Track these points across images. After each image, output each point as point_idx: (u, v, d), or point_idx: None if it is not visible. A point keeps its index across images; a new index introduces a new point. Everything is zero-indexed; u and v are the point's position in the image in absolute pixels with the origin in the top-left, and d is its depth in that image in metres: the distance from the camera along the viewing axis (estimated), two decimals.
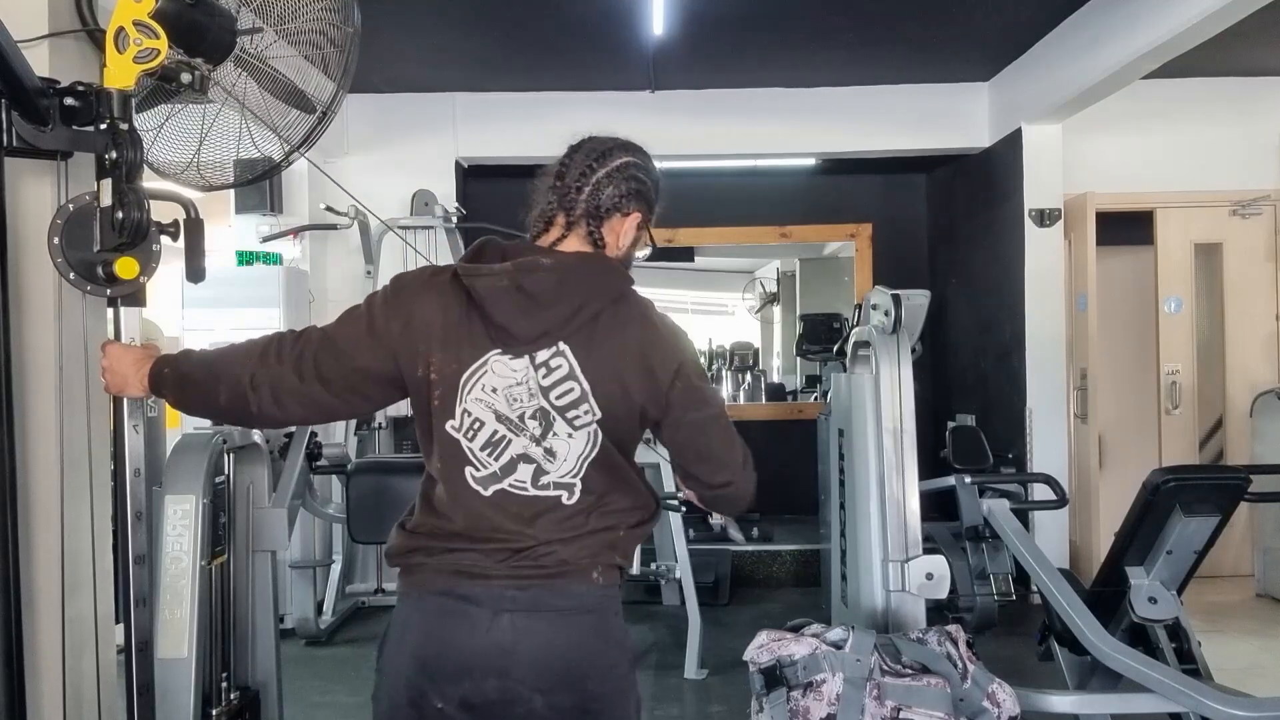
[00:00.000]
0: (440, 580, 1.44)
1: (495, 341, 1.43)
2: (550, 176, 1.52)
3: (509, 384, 1.43)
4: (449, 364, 1.43)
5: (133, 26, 1.64)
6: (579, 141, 1.54)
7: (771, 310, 8.93)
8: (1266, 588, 5.01)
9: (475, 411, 1.43)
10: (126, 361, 1.61)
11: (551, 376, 1.43)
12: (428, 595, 1.45)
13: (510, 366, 1.43)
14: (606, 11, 4.19)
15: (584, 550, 1.45)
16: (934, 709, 2.11)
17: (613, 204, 1.49)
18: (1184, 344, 5.27)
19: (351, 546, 4.84)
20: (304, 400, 1.47)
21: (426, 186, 5.06)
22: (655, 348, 1.47)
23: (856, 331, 3.15)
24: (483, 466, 1.44)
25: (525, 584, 1.42)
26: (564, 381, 1.43)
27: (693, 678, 3.86)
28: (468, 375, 1.43)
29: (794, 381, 8.13)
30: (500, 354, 1.43)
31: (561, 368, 1.43)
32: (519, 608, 1.42)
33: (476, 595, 1.42)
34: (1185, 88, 5.11)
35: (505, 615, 1.41)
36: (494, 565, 1.42)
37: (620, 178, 1.50)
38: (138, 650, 1.77)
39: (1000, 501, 3.12)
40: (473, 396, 1.43)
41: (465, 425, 1.44)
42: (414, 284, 1.49)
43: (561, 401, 1.43)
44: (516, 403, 1.43)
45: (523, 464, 1.44)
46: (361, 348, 1.46)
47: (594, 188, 1.48)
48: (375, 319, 1.46)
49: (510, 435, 1.43)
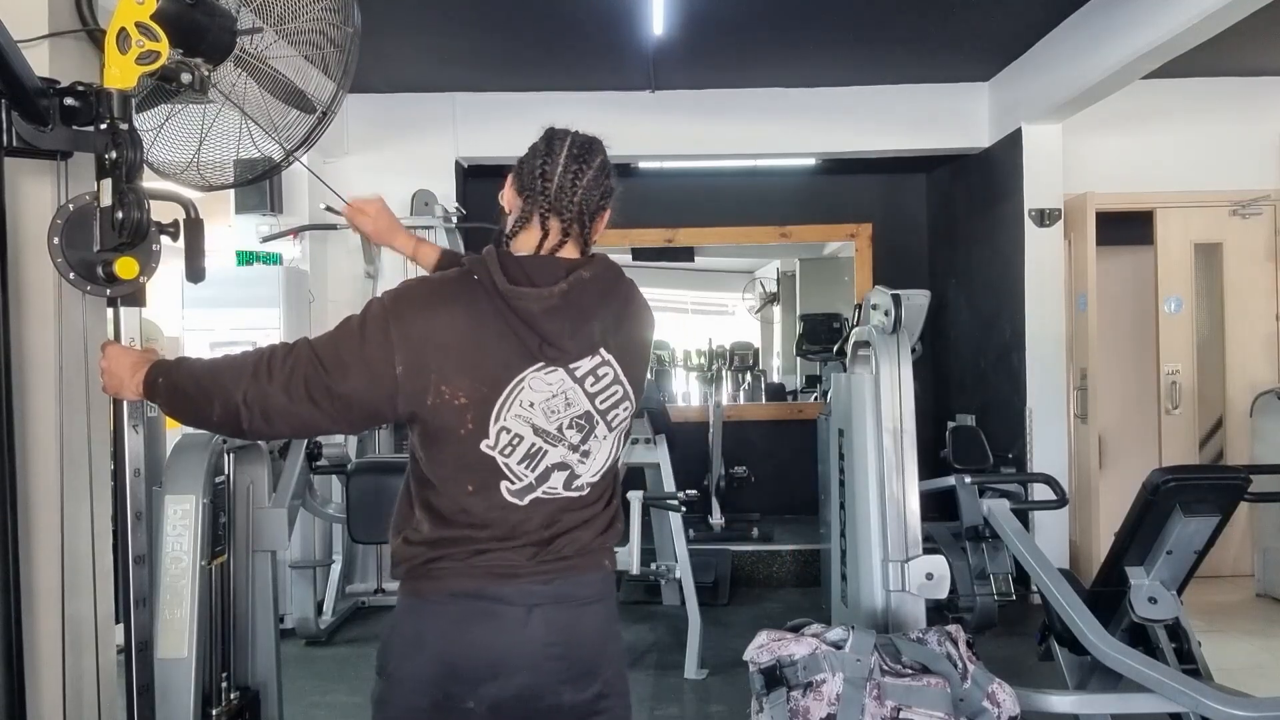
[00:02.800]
0: (467, 583, 1.44)
1: (538, 357, 1.42)
2: (531, 176, 1.49)
3: (546, 397, 1.43)
4: (479, 387, 1.40)
5: (134, 28, 1.63)
6: (551, 138, 1.51)
7: (771, 310, 8.94)
8: (1266, 588, 5.01)
9: (514, 428, 1.42)
10: (124, 365, 1.60)
11: (600, 384, 1.47)
12: (454, 599, 1.44)
13: (546, 381, 1.43)
14: (606, 11, 4.19)
15: (595, 533, 1.51)
16: (934, 709, 2.11)
17: (599, 205, 1.51)
18: (1184, 344, 5.27)
19: (351, 546, 4.84)
20: (292, 419, 1.43)
21: (426, 186, 5.07)
22: (650, 331, 1.61)
23: (856, 331, 3.15)
24: (518, 479, 1.44)
25: (549, 577, 1.45)
26: (611, 386, 1.48)
27: (693, 678, 3.86)
28: (505, 395, 1.41)
29: (794, 381, 8.14)
30: (539, 369, 1.42)
31: (608, 375, 1.48)
32: (547, 601, 1.44)
33: (507, 595, 1.43)
34: (1185, 88, 5.11)
35: (537, 611, 1.43)
36: (523, 562, 1.44)
37: (602, 175, 1.50)
38: (138, 650, 1.77)
39: (1000, 501, 3.12)
40: (511, 414, 1.42)
41: (503, 443, 1.42)
42: (417, 301, 1.43)
43: (606, 405, 1.48)
44: (554, 415, 1.44)
45: (557, 471, 1.46)
46: (354, 373, 1.39)
47: (585, 191, 1.48)
48: (372, 347, 1.39)
49: (547, 447, 1.44)
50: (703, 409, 6.70)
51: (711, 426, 5.88)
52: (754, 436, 6.54)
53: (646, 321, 1.59)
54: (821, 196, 6.43)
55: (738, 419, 6.58)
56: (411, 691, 1.44)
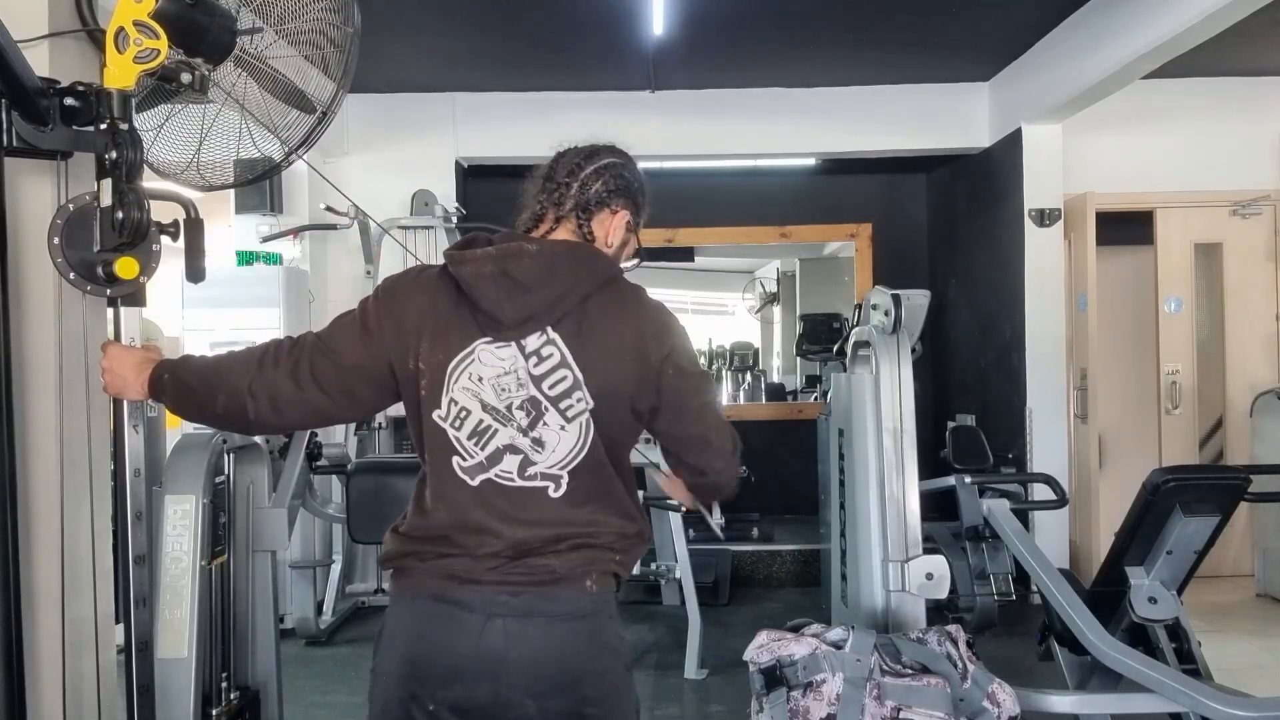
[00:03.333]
0: (432, 584, 1.44)
1: (483, 329, 1.43)
2: (539, 179, 1.55)
3: (497, 374, 1.43)
4: (436, 353, 1.44)
5: (133, 27, 1.63)
6: (565, 149, 1.58)
7: (771, 310, 8.94)
8: (1266, 588, 5.01)
9: (462, 400, 1.43)
10: (127, 364, 1.61)
11: (543, 365, 1.43)
12: (420, 598, 1.45)
13: (498, 355, 1.43)
14: (606, 11, 4.19)
15: (575, 562, 1.44)
16: (934, 709, 2.11)
17: (600, 199, 1.52)
18: (1184, 344, 5.27)
19: (351, 546, 4.84)
20: (300, 406, 1.48)
21: (426, 186, 5.06)
22: (646, 333, 1.46)
23: (856, 331, 3.15)
24: (469, 456, 1.44)
25: (518, 590, 1.42)
26: (556, 370, 1.42)
27: (693, 678, 3.86)
28: (454, 365, 1.44)
29: (794, 381, 8.14)
30: (488, 342, 1.43)
31: (553, 356, 1.43)
32: (511, 613, 1.41)
33: (468, 600, 1.42)
34: (1185, 88, 5.11)
35: (498, 620, 1.41)
36: (485, 571, 1.42)
37: (607, 174, 1.53)
38: (138, 650, 1.77)
39: (1000, 501, 3.12)
40: (459, 386, 1.43)
41: (452, 414, 1.44)
42: (405, 282, 1.52)
43: (554, 391, 1.43)
44: (504, 393, 1.43)
45: (509, 454, 1.43)
46: (354, 346, 1.47)
47: (582, 184, 1.51)
48: (368, 318, 1.48)
49: (496, 425, 1.43)
50: None
51: None
52: (754, 436, 6.49)
53: (646, 327, 1.46)
54: (821, 196, 6.43)
55: (738, 419, 6.56)
56: (387, 687, 1.46)
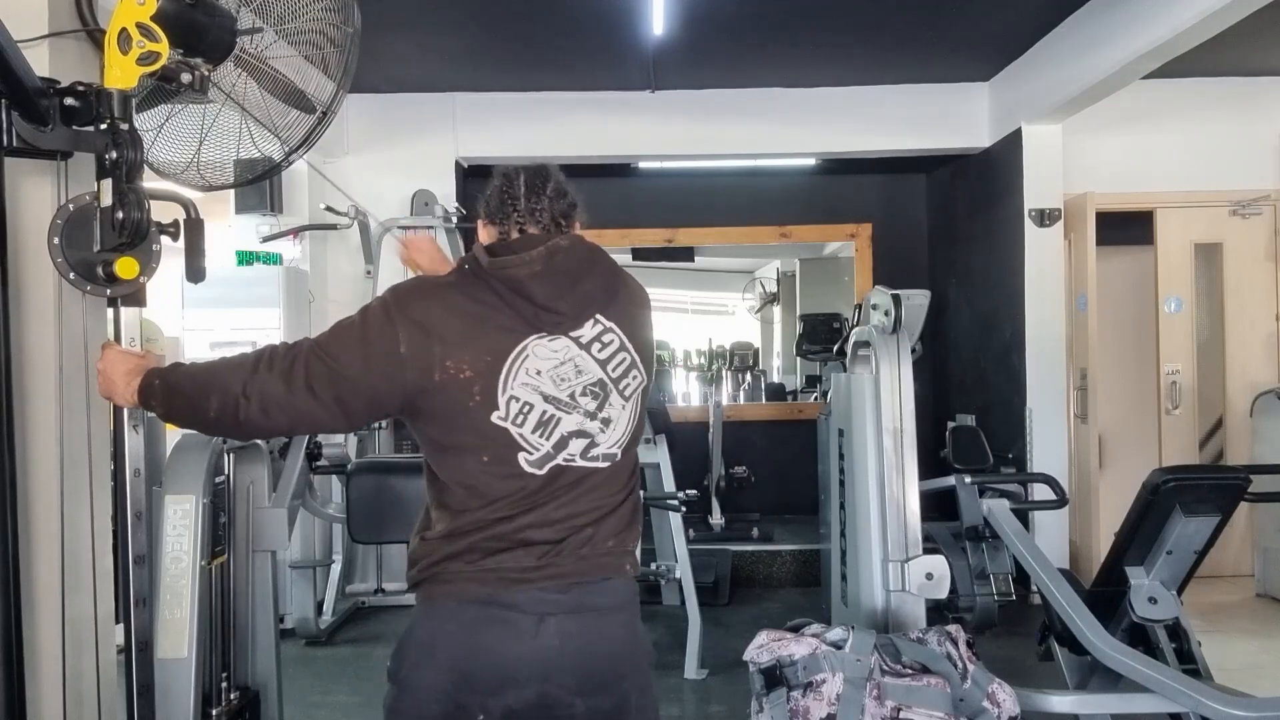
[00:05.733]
0: (479, 589, 1.44)
1: (535, 325, 1.45)
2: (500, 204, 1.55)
3: (554, 365, 1.46)
4: (483, 357, 1.43)
5: (135, 29, 1.64)
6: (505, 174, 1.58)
7: (771, 310, 8.94)
8: (1266, 588, 5.01)
9: (523, 396, 1.45)
10: (119, 370, 1.60)
11: (607, 350, 1.50)
12: (466, 605, 1.44)
13: (550, 349, 1.46)
14: (606, 11, 4.19)
15: (611, 531, 1.49)
16: (934, 709, 2.11)
17: (567, 213, 1.56)
18: (1184, 344, 5.27)
19: (351, 546, 4.84)
20: (289, 410, 1.45)
21: (426, 186, 5.07)
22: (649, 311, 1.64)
23: (856, 331, 3.15)
24: (535, 449, 1.45)
25: (566, 585, 1.44)
26: (618, 353, 1.51)
27: (693, 678, 3.86)
28: (509, 364, 1.44)
29: (794, 381, 8.14)
30: (540, 338, 1.46)
31: (613, 341, 1.51)
32: (562, 610, 1.43)
33: (519, 601, 1.43)
34: (1185, 88, 5.12)
35: (550, 620, 1.43)
36: (533, 563, 1.43)
37: (565, 189, 1.58)
38: (138, 650, 1.77)
39: (1000, 501, 3.12)
40: (518, 383, 1.44)
41: (513, 412, 1.44)
42: (415, 294, 1.50)
43: (616, 372, 1.50)
44: (564, 382, 1.46)
45: (575, 439, 1.47)
46: (353, 357, 1.44)
47: (550, 200, 1.54)
48: (370, 328, 1.45)
49: (560, 414, 1.46)
50: (703, 409, 6.70)
51: (711, 426, 5.88)
52: (754, 436, 6.54)
53: (641, 296, 1.62)
54: (821, 197, 6.43)
55: (738, 419, 6.58)
56: (422, 700, 1.44)
